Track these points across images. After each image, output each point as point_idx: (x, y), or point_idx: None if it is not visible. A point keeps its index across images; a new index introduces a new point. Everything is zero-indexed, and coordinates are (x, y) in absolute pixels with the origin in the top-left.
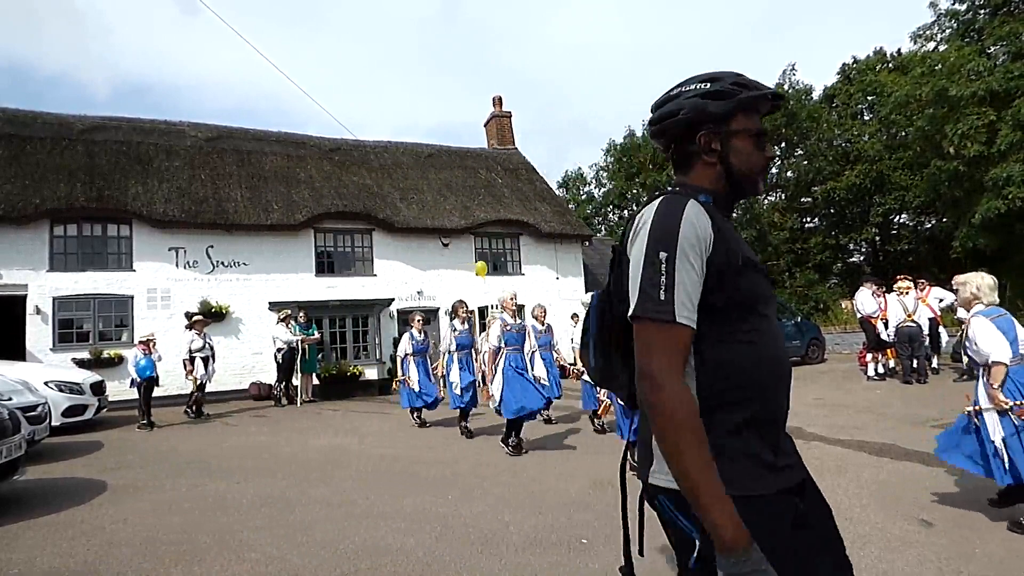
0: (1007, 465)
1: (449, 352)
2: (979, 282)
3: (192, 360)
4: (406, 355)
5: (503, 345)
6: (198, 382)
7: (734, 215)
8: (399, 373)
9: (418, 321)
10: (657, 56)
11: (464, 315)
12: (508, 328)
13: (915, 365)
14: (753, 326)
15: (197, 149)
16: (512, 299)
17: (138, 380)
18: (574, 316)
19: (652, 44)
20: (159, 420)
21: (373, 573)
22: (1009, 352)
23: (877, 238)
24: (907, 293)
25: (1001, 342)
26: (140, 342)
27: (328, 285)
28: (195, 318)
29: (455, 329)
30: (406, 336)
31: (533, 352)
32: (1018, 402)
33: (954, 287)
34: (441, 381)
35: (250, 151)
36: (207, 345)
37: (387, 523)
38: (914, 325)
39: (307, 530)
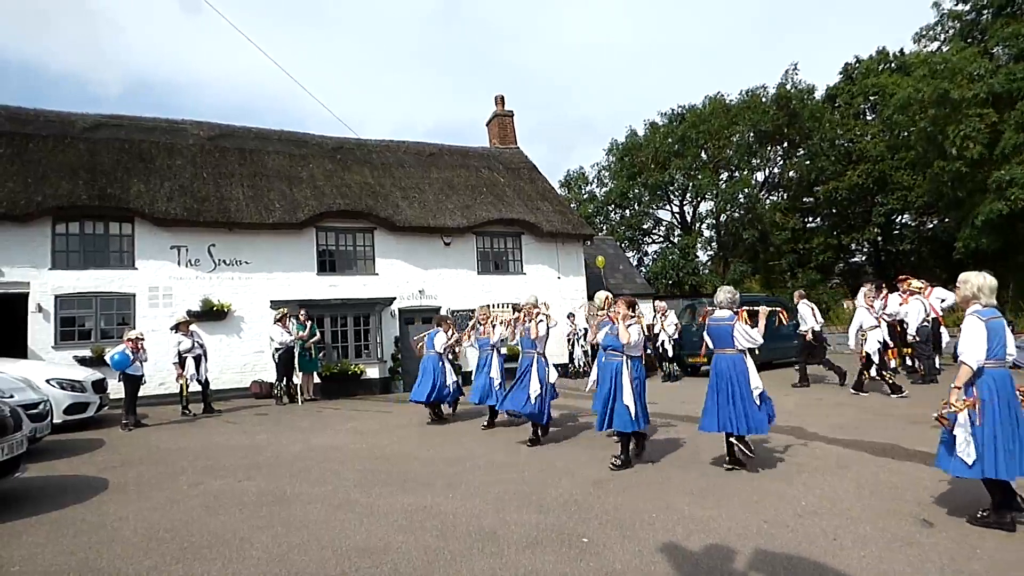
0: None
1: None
2: (980, 283)
3: (182, 362)
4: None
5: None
6: (189, 384)
7: (735, 215)
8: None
9: (448, 321)
10: (660, 56)
11: (484, 319)
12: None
13: (917, 365)
14: None
15: (199, 147)
16: (534, 305)
17: (117, 373)
18: (570, 316)
19: (654, 44)
20: (163, 418)
21: (374, 571)
22: (980, 357)
23: (879, 238)
24: (925, 293)
25: (978, 346)
26: (128, 339)
27: (330, 284)
28: (180, 320)
29: (478, 332)
30: (440, 336)
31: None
32: (967, 399)
33: (957, 284)
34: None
35: (252, 150)
36: (196, 344)
37: (388, 521)
38: (929, 325)
39: (308, 528)
